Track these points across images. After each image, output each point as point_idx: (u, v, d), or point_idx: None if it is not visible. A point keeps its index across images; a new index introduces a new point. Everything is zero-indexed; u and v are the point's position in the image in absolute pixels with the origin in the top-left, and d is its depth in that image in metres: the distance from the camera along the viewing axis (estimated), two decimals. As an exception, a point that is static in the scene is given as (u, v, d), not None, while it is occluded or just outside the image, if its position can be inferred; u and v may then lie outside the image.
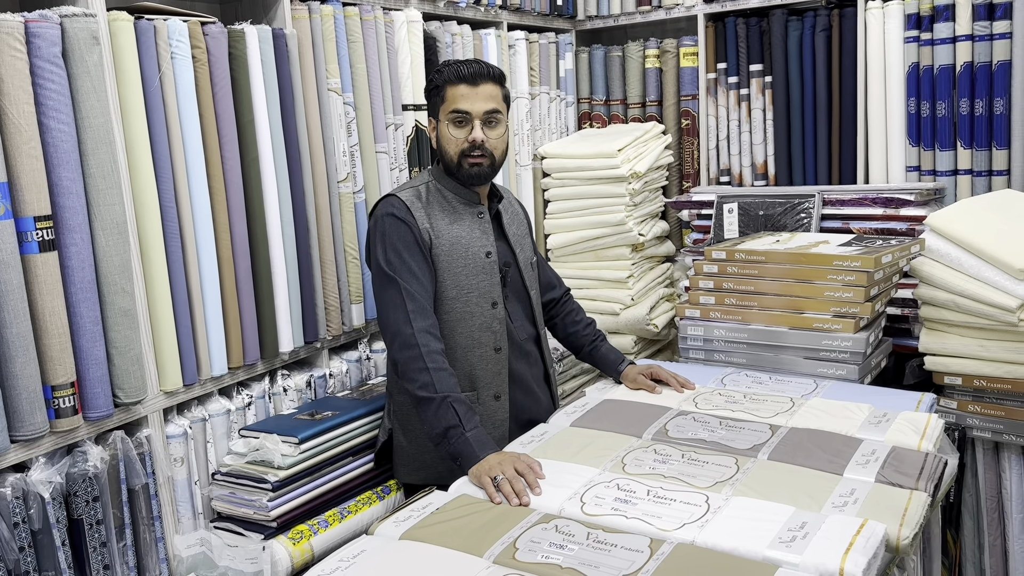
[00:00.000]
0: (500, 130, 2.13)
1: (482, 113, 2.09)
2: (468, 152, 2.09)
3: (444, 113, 2.11)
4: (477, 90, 2.08)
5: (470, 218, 2.16)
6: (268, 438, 2.08)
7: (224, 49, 2.12)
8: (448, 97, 2.10)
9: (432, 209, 2.12)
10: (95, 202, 1.85)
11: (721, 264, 2.54)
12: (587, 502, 1.65)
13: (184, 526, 2.10)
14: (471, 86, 2.08)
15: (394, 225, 2.06)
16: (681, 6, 3.49)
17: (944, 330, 2.46)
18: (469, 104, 2.08)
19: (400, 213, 2.07)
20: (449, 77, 2.10)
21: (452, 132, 2.10)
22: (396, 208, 2.09)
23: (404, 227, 2.06)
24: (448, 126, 2.10)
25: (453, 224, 2.13)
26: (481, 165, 2.10)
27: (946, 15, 2.93)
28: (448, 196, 2.16)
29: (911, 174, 3.11)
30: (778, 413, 2.04)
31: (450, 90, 2.09)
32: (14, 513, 1.74)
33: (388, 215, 2.08)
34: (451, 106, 2.09)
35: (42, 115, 1.75)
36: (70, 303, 1.83)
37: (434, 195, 2.15)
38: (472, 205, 2.18)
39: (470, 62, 2.13)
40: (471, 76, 2.08)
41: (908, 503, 1.58)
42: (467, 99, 2.08)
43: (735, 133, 3.46)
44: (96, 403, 1.88)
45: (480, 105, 2.08)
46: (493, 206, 2.24)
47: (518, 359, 2.23)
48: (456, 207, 2.15)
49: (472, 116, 2.08)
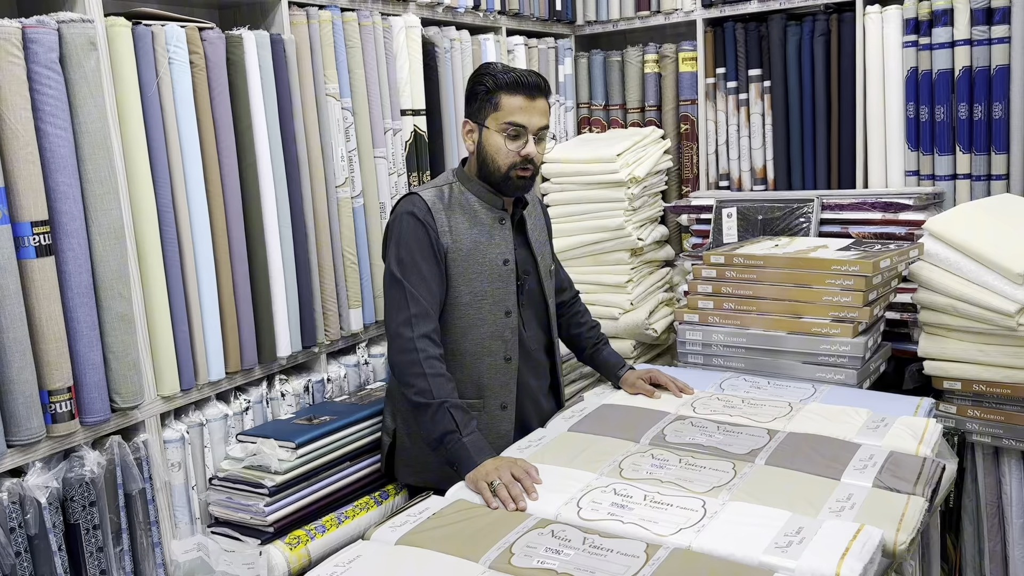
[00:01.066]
0: (545, 145, 2.11)
1: (537, 128, 2.06)
2: (518, 166, 2.06)
3: (496, 122, 2.05)
4: (534, 104, 2.05)
5: (491, 224, 2.12)
6: (265, 443, 2.08)
7: (222, 55, 2.12)
8: (504, 107, 2.04)
9: (453, 211, 2.09)
10: (92, 207, 1.85)
11: (720, 269, 2.53)
12: (584, 507, 1.64)
13: (181, 531, 2.10)
14: (529, 99, 2.04)
15: (412, 225, 2.04)
16: (680, 11, 3.49)
17: (943, 334, 2.46)
18: (527, 118, 2.04)
19: (420, 214, 2.04)
20: (506, 84, 2.03)
21: (506, 144, 2.05)
22: (417, 208, 2.05)
23: (422, 228, 2.03)
24: (500, 136, 2.05)
25: (473, 228, 2.09)
26: (526, 177, 2.08)
27: (944, 20, 2.93)
28: (471, 200, 2.11)
29: (910, 179, 3.10)
30: (776, 418, 2.04)
31: (506, 99, 2.03)
32: (10, 518, 1.74)
33: (408, 214, 2.05)
34: (507, 117, 2.03)
35: (39, 120, 1.75)
36: (67, 308, 1.82)
37: (457, 197, 2.11)
38: (495, 210, 2.13)
39: (528, 73, 2.07)
40: (530, 88, 2.04)
41: (905, 508, 1.57)
42: (525, 112, 2.03)
43: (734, 138, 3.46)
44: (93, 408, 1.88)
45: (536, 120, 2.05)
46: (517, 212, 2.20)
47: (528, 370, 2.22)
48: (478, 211, 2.11)
49: (528, 130, 2.04)
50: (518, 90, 2.03)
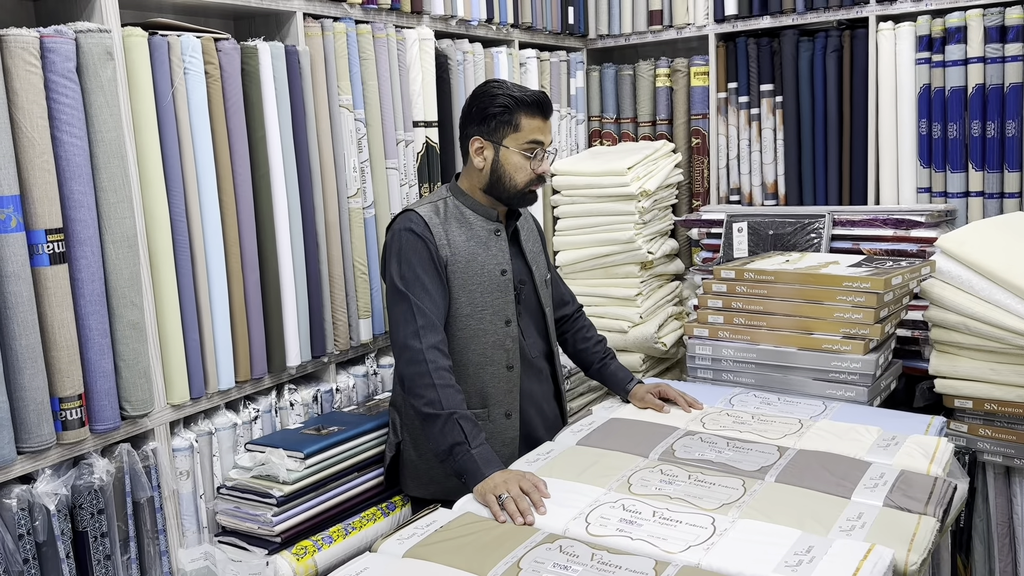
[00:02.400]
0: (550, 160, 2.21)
1: (549, 146, 2.16)
2: (534, 182, 2.15)
3: (516, 142, 2.11)
4: (548, 123, 2.15)
5: (487, 235, 2.16)
6: (274, 452, 2.08)
7: (237, 65, 2.13)
8: (524, 127, 2.10)
9: (450, 225, 2.13)
10: (106, 215, 1.86)
11: (730, 283, 2.53)
12: (592, 522, 1.64)
13: (188, 540, 2.10)
14: (545, 120, 2.14)
15: (411, 240, 2.07)
16: (692, 26, 3.50)
17: (955, 353, 2.45)
18: (546, 137, 2.13)
19: (418, 229, 2.08)
20: (526, 107, 2.10)
21: (525, 162, 2.12)
22: (415, 223, 2.09)
23: (421, 243, 2.07)
24: (520, 154, 2.11)
25: (470, 241, 2.13)
26: (535, 192, 2.18)
27: (958, 37, 2.93)
28: (466, 212, 2.16)
29: (922, 195, 3.10)
30: (786, 435, 2.03)
31: (526, 120, 2.10)
32: (19, 524, 1.74)
33: (406, 230, 2.09)
34: (529, 136, 2.11)
35: (55, 129, 1.76)
36: (79, 315, 1.83)
37: (452, 211, 2.15)
38: (489, 222, 2.18)
39: (540, 94, 2.15)
40: (545, 109, 2.13)
41: (917, 528, 1.56)
42: (543, 132, 2.13)
43: (745, 152, 3.46)
44: (103, 416, 1.88)
45: (550, 138, 2.16)
46: (511, 224, 2.25)
47: (530, 377, 2.23)
48: (473, 224, 2.16)
49: (544, 149, 2.13)
50: (537, 111, 2.11)
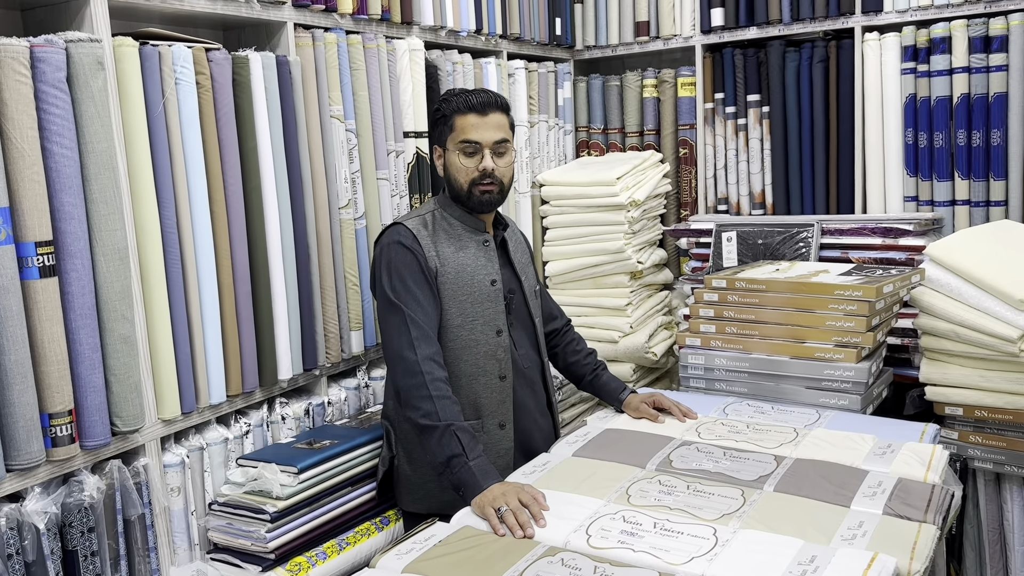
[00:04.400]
0: (509, 158, 2.16)
1: (492, 143, 2.12)
2: (479, 180, 2.11)
3: (453, 142, 2.13)
4: (486, 119, 2.11)
5: (475, 246, 2.16)
6: (267, 467, 2.05)
7: (228, 75, 2.11)
8: (457, 127, 2.12)
9: (438, 237, 2.13)
10: (97, 227, 1.83)
11: (722, 293, 2.53)
12: (593, 534, 1.62)
13: (180, 557, 2.06)
14: (480, 116, 2.11)
15: (400, 253, 2.07)
16: (679, 37, 3.51)
17: (945, 360, 2.46)
18: (479, 134, 2.10)
19: (407, 241, 2.08)
20: (458, 107, 2.12)
21: (463, 161, 2.12)
22: (403, 236, 2.09)
23: (410, 255, 2.06)
24: (458, 155, 2.12)
25: (459, 252, 2.13)
26: (491, 192, 2.13)
27: (943, 47, 2.96)
28: (454, 224, 2.17)
29: (909, 204, 3.12)
30: (782, 444, 2.03)
31: (459, 120, 2.12)
32: (8, 544, 1.70)
33: (395, 243, 2.09)
34: (461, 136, 2.11)
35: (45, 140, 1.74)
36: (69, 329, 1.80)
37: (440, 223, 2.16)
38: (478, 233, 2.18)
39: (478, 92, 2.15)
40: (480, 106, 2.11)
41: (917, 536, 1.56)
42: (477, 129, 2.11)
43: (733, 162, 3.47)
44: (94, 432, 1.84)
45: (490, 135, 2.11)
46: (498, 234, 2.25)
47: (523, 387, 2.23)
48: (462, 235, 2.16)
49: (483, 146, 2.11)
50: (469, 109, 2.11)
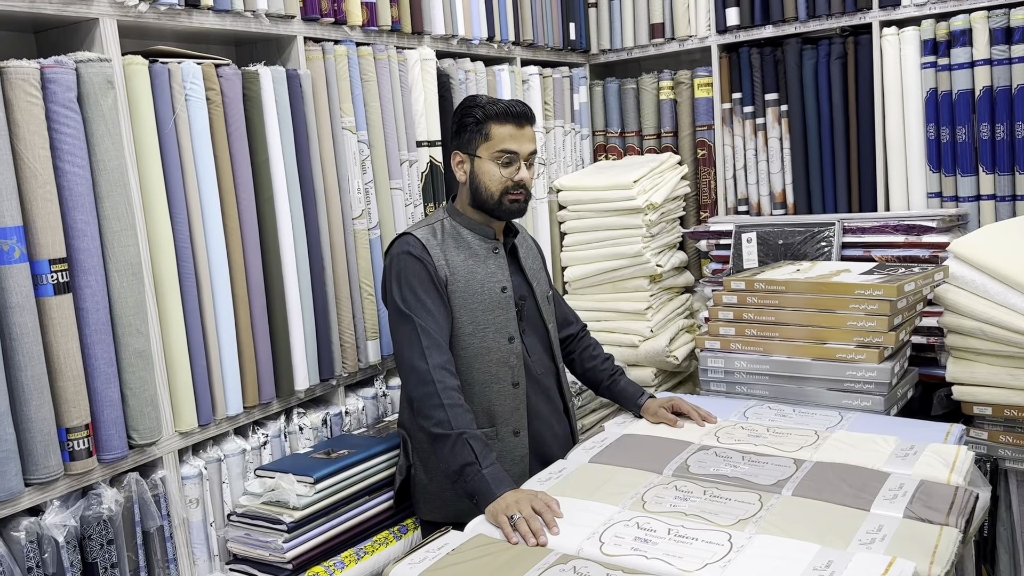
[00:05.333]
0: (536, 169, 2.21)
1: (527, 154, 2.14)
2: (511, 190, 2.13)
3: (488, 151, 2.13)
4: (523, 131, 2.14)
5: (485, 253, 2.16)
6: (283, 478, 2.06)
7: (238, 90, 2.13)
8: (495, 136, 2.12)
9: (447, 246, 2.13)
10: (110, 244, 1.85)
11: (741, 295, 2.50)
12: (606, 542, 1.61)
13: (200, 568, 2.07)
14: (518, 127, 2.13)
15: (410, 263, 2.08)
16: (695, 38, 3.49)
17: (972, 359, 2.40)
18: (519, 145, 2.13)
19: (416, 251, 2.09)
20: (496, 115, 2.12)
21: (499, 170, 2.12)
22: (412, 246, 2.10)
23: (420, 265, 2.07)
24: (492, 164, 2.12)
25: (468, 260, 2.13)
26: (520, 201, 2.15)
27: (963, 40, 2.91)
28: (463, 232, 2.17)
29: (932, 200, 3.07)
30: (802, 447, 2.00)
31: (496, 128, 2.12)
32: (28, 557, 1.72)
33: (404, 253, 2.09)
34: (499, 145, 2.12)
35: (57, 159, 1.77)
36: (84, 345, 1.82)
37: (449, 232, 2.16)
38: (487, 240, 2.18)
39: (515, 103, 2.16)
40: (518, 117, 2.13)
41: (939, 539, 1.53)
42: (516, 140, 2.12)
43: (752, 162, 3.44)
44: (110, 445, 1.87)
45: (526, 146, 2.14)
46: (508, 241, 2.25)
47: (536, 393, 2.22)
48: (471, 243, 2.16)
49: (520, 156, 2.13)
50: (508, 119, 2.12)
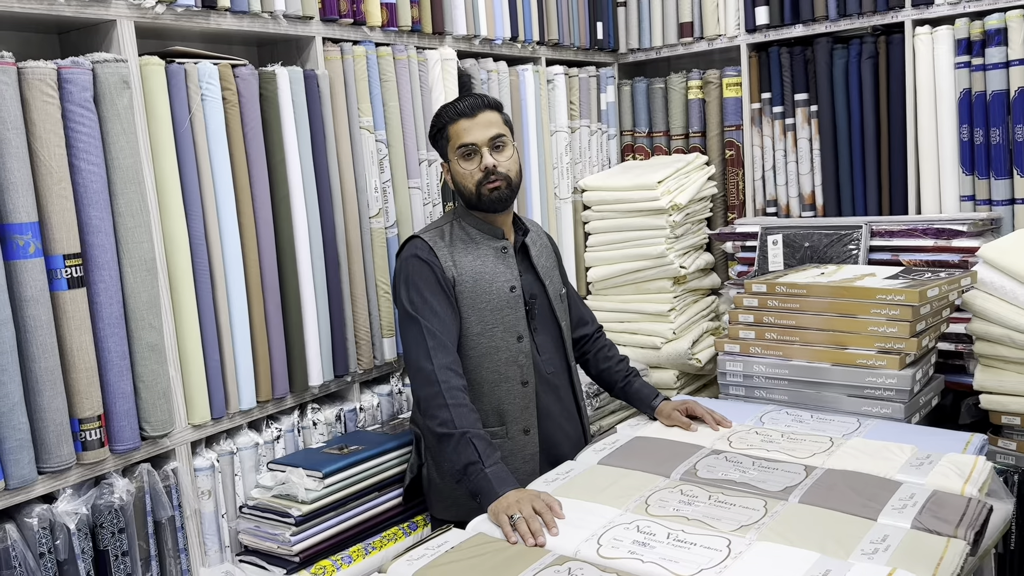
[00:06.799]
0: (508, 152, 2.17)
1: (487, 140, 2.13)
2: (484, 181, 2.12)
3: (452, 151, 2.16)
4: (476, 120, 2.13)
5: (494, 253, 2.16)
6: (293, 472, 2.08)
7: (255, 91, 2.16)
8: (452, 135, 2.15)
9: (455, 247, 2.14)
10: (124, 240, 1.90)
11: (761, 298, 2.46)
12: (604, 544, 1.60)
13: (211, 559, 2.11)
14: (470, 118, 2.13)
15: (417, 266, 2.09)
16: (724, 37, 3.44)
17: (1000, 367, 2.34)
18: (472, 135, 2.12)
19: (423, 254, 2.10)
20: (449, 117, 2.16)
21: (464, 166, 2.14)
22: (419, 249, 2.12)
23: (427, 268, 2.09)
24: (459, 162, 2.14)
25: (476, 260, 2.14)
26: (500, 188, 2.14)
27: (998, 39, 2.83)
28: (471, 232, 2.17)
29: (965, 204, 2.98)
30: (815, 453, 1.96)
31: (452, 128, 2.15)
32: (40, 543, 1.77)
33: (412, 256, 2.12)
34: (457, 142, 2.14)
35: (73, 157, 1.81)
36: (98, 338, 1.87)
37: (457, 233, 2.17)
38: (495, 240, 2.18)
39: (463, 97, 2.20)
40: (468, 109, 2.14)
41: (944, 552, 1.49)
42: (469, 131, 2.13)
43: (781, 163, 3.38)
44: (123, 436, 1.91)
45: (483, 133, 2.13)
46: (518, 239, 2.24)
47: (546, 392, 2.21)
48: (480, 243, 2.16)
49: (479, 145, 2.12)
50: (457, 115, 2.14)
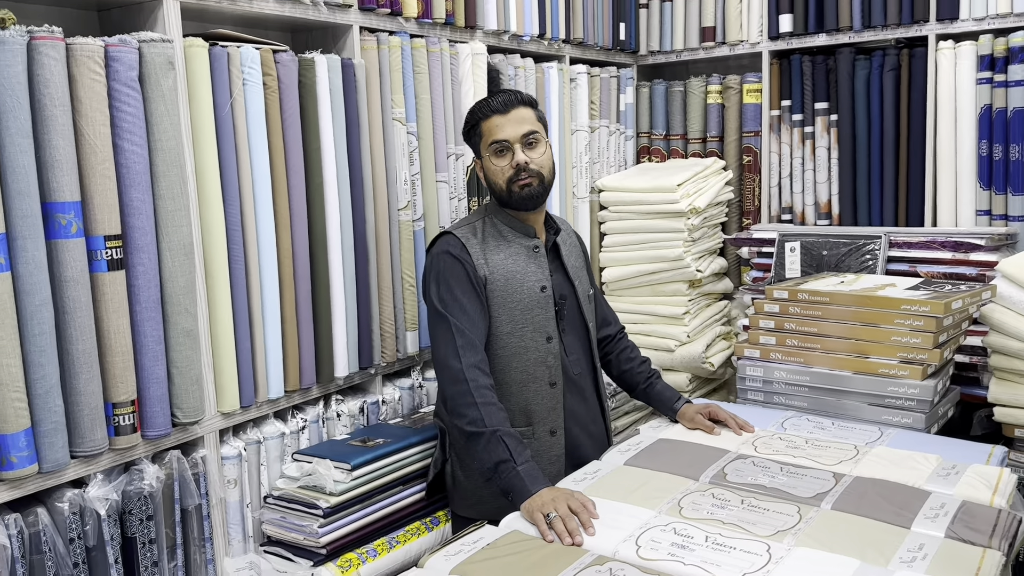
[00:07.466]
0: (541, 149, 2.15)
1: (520, 137, 2.11)
2: (515, 178, 2.11)
3: (485, 147, 2.14)
4: (509, 117, 2.12)
5: (525, 252, 2.16)
6: (321, 463, 2.07)
7: (294, 77, 2.15)
8: (485, 131, 2.14)
9: (487, 245, 2.13)
10: (163, 223, 1.88)
11: (783, 304, 2.48)
12: (642, 545, 1.60)
13: (234, 548, 2.10)
14: (503, 115, 2.12)
15: (449, 263, 2.08)
16: (746, 43, 3.46)
17: (1015, 380, 2.37)
18: (505, 131, 2.11)
19: (455, 251, 2.09)
20: (482, 113, 2.15)
21: (496, 162, 2.12)
22: (452, 246, 2.10)
23: (459, 265, 2.08)
24: (491, 158, 2.13)
25: (508, 259, 2.13)
26: (531, 185, 2.12)
27: (1021, 57, 2.86)
28: (503, 230, 2.16)
29: (981, 218, 3.02)
30: (842, 461, 1.98)
31: (485, 124, 2.14)
32: (70, 529, 1.75)
33: (444, 253, 2.10)
34: (490, 137, 2.12)
35: (117, 137, 1.79)
36: (134, 322, 1.85)
37: (490, 230, 2.16)
38: (528, 238, 2.17)
39: (497, 93, 2.18)
40: (502, 105, 2.13)
41: (981, 562, 1.51)
42: (502, 128, 2.11)
43: (798, 171, 3.41)
44: (155, 422, 1.89)
45: (516, 129, 2.11)
46: (550, 238, 2.24)
47: (573, 394, 2.21)
48: (511, 241, 2.15)
49: (511, 142, 2.11)
50: (490, 111, 2.13)
